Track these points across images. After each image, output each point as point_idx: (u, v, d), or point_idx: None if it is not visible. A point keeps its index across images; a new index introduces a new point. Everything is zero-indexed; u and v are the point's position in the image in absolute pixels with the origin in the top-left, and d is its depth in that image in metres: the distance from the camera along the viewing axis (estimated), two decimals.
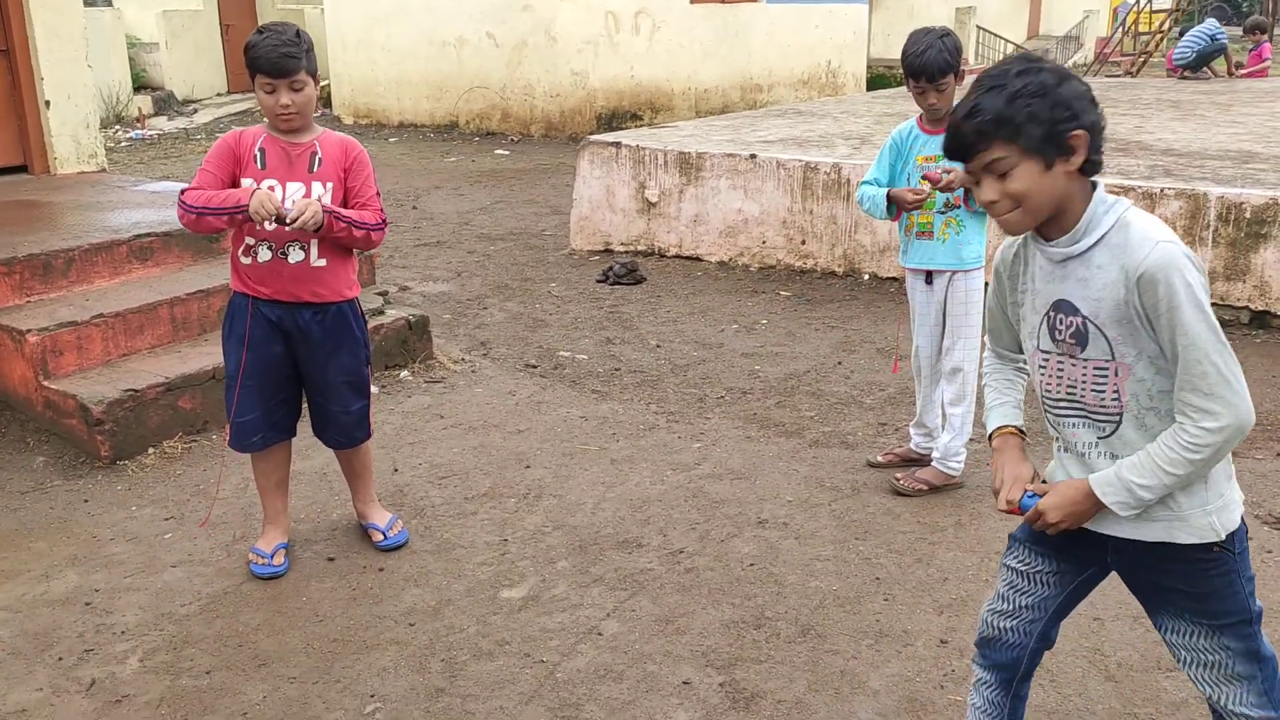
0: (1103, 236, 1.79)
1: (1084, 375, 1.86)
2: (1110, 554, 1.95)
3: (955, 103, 3.57)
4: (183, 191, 3.09)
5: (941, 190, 3.57)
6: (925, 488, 3.78)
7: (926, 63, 3.48)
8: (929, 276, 3.76)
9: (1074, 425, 1.91)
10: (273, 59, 2.99)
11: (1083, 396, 1.87)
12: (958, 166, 3.48)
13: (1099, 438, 1.88)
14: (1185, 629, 1.91)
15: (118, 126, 16.01)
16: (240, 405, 3.25)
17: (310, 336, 3.23)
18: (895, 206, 3.66)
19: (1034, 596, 2.06)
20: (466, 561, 3.40)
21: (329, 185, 3.14)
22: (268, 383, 3.26)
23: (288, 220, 2.98)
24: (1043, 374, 1.93)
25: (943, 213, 3.66)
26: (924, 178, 3.59)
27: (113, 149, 13.75)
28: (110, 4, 20.85)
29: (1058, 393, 1.91)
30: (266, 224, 3.03)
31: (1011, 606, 2.08)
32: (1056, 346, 1.88)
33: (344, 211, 3.12)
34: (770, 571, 3.31)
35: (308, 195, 3.10)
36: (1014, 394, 2.12)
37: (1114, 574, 2.03)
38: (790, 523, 3.62)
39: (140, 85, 18.62)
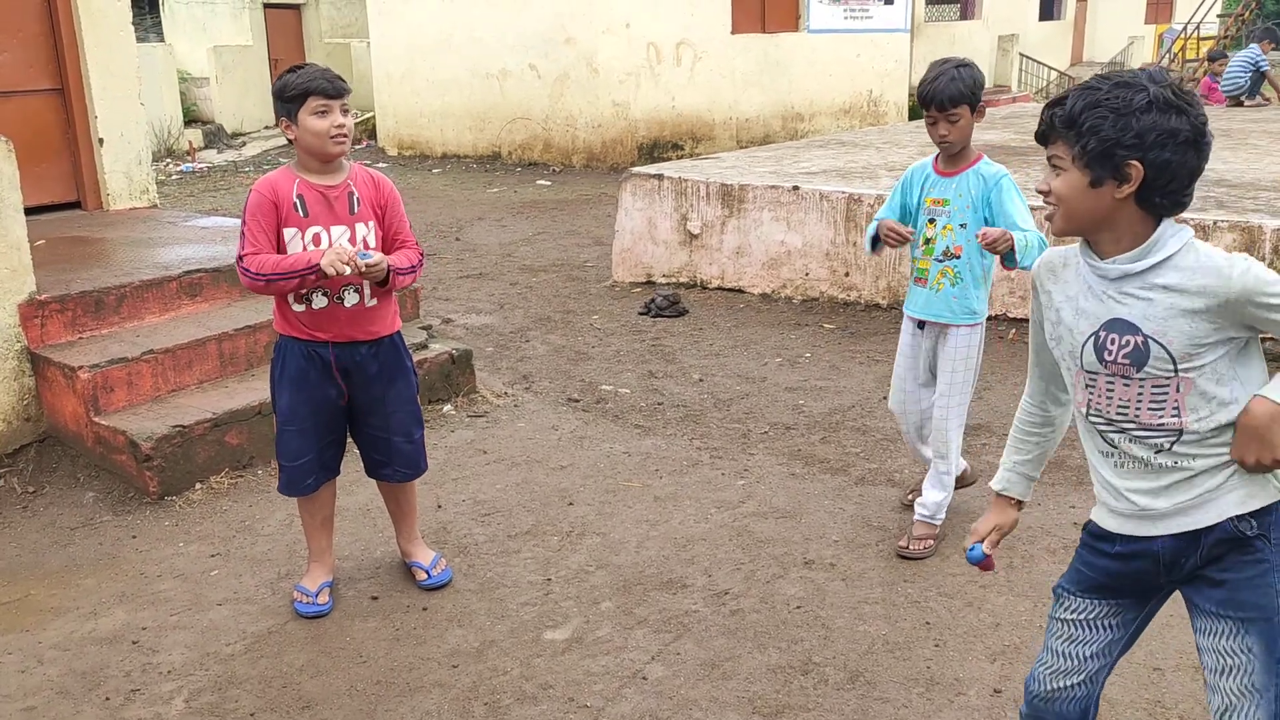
0: (1169, 257, 1.78)
1: (1139, 394, 1.84)
2: (1162, 572, 1.91)
3: (970, 140, 3.49)
4: (240, 258, 3.09)
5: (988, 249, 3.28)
6: (932, 543, 3.62)
7: (937, 90, 3.27)
8: (920, 323, 3.61)
9: (1127, 442, 1.89)
10: (328, 78, 3.08)
11: (1137, 416, 1.85)
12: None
13: (1156, 451, 1.86)
14: (1213, 626, 1.87)
15: (168, 159, 16.33)
16: (295, 448, 3.27)
17: (367, 371, 3.27)
18: (876, 241, 3.49)
19: (1096, 644, 2.00)
20: (510, 601, 3.37)
21: (370, 224, 3.21)
22: (321, 424, 3.28)
23: (364, 266, 3.03)
24: (1090, 394, 1.91)
25: (940, 260, 3.47)
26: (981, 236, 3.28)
27: (163, 181, 14.01)
28: (163, 40, 21.35)
29: (1109, 413, 1.89)
30: (345, 271, 3.07)
31: (1072, 663, 2.02)
32: (1105, 367, 1.86)
33: (401, 266, 3.20)
34: (817, 614, 3.25)
35: (352, 238, 3.17)
36: (1021, 454, 2.14)
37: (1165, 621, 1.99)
38: (837, 564, 3.56)
39: (190, 119, 19.03)
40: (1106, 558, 1.96)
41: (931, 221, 3.47)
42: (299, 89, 3.05)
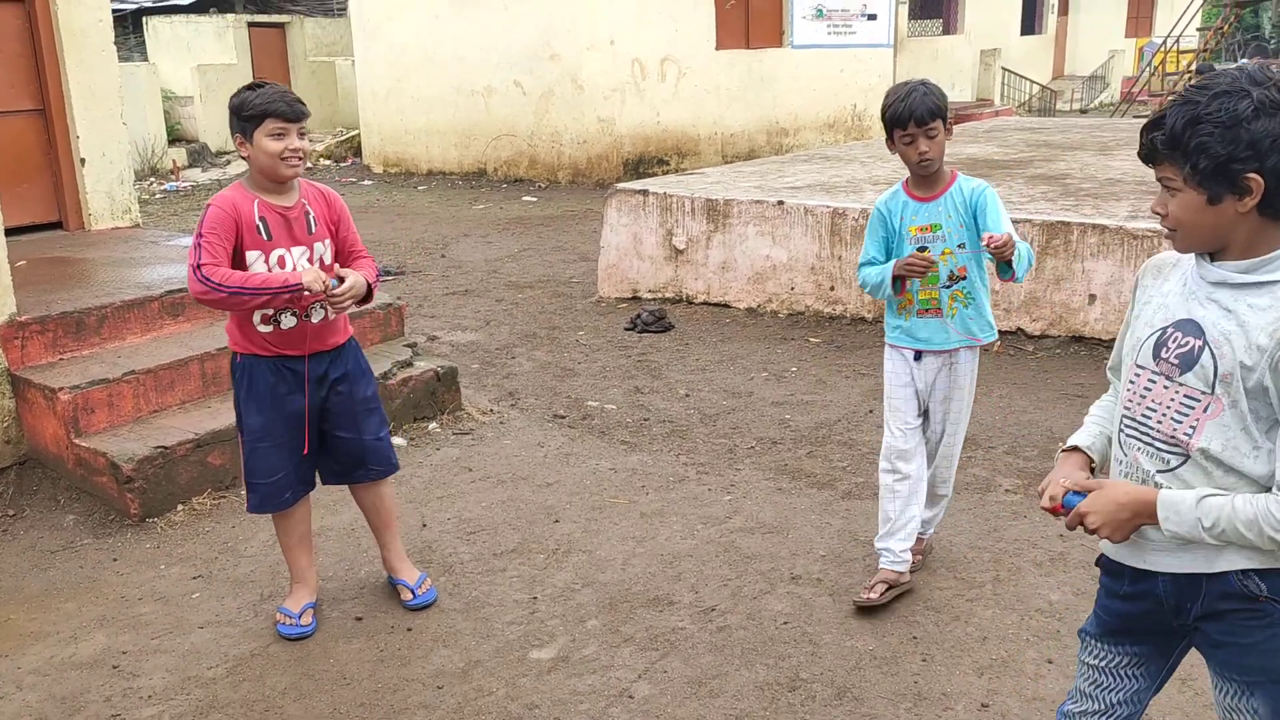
0: (1274, 282, 1.69)
1: (1171, 400, 1.77)
2: (1169, 615, 1.86)
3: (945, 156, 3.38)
4: (198, 267, 3.00)
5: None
6: (920, 558, 3.58)
7: (914, 106, 3.13)
8: (918, 354, 3.40)
9: (1138, 449, 1.83)
10: (288, 101, 3.06)
11: (1159, 423, 1.79)
12: (947, 246, 3.32)
13: (1159, 471, 1.79)
14: (1222, 685, 1.85)
15: (152, 178, 16.28)
16: (271, 464, 3.25)
17: (330, 376, 3.31)
18: (900, 281, 3.29)
19: (1121, 693, 1.97)
20: (495, 621, 3.35)
21: (327, 242, 3.26)
22: (296, 437, 3.26)
23: (335, 291, 3.07)
24: (1129, 390, 1.86)
25: (948, 286, 3.29)
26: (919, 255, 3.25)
27: (147, 200, 13.97)
28: (146, 59, 21.33)
29: (1136, 413, 1.84)
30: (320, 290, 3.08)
31: (1100, 704, 1.99)
32: (1155, 364, 1.80)
33: (372, 281, 3.26)
34: (804, 630, 3.24)
35: (310, 258, 3.20)
36: (1105, 425, 2.01)
37: None
38: (824, 579, 3.55)
39: (175, 138, 18.97)
40: (1118, 599, 1.93)
41: (923, 249, 3.31)
42: (257, 109, 3.03)
